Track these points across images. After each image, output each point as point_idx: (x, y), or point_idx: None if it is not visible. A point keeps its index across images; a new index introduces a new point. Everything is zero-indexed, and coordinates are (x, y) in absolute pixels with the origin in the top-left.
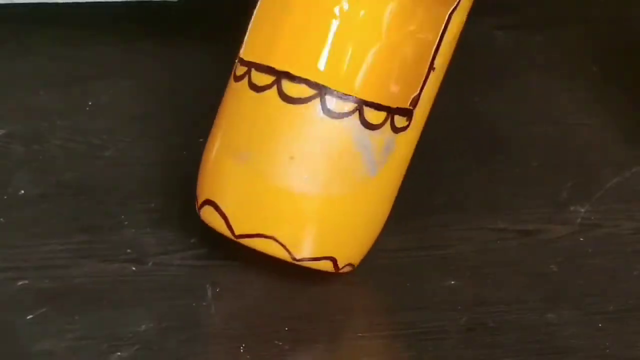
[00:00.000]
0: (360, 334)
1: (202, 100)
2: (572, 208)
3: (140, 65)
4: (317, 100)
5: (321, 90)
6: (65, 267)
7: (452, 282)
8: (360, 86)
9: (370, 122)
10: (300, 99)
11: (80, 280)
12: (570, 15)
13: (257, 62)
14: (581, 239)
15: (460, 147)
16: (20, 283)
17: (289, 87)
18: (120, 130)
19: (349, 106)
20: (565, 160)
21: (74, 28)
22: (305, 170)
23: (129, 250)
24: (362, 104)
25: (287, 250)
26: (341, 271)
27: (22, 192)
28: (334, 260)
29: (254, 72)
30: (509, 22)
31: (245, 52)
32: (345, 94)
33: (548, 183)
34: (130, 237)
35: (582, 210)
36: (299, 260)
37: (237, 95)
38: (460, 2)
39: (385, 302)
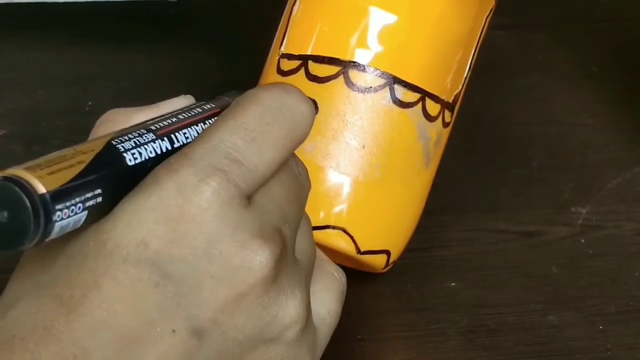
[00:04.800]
0: (360, 336)
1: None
2: (573, 209)
3: (140, 65)
4: (387, 89)
5: (390, 79)
6: None
7: (453, 284)
8: (423, 77)
9: (430, 113)
10: (370, 87)
11: None
12: (570, 15)
13: (315, 54)
14: (582, 241)
15: (460, 147)
16: None
17: (357, 77)
18: None
19: (415, 96)
20: (565, 160)
21: (74, 28)
22: (377, 159)
23: None
24: (425, 95)
25: (355, 242)
26: (384, 270)
27: None
28: (388, 254)
29: (311, 64)
30: (509, 22)
31: (293, 47)
32: (412, 84)
33: (549, 184)
34: None
35: (583, 211)
36: (362, 252)
37: None
38: (493, 8)
39: (385, 303)
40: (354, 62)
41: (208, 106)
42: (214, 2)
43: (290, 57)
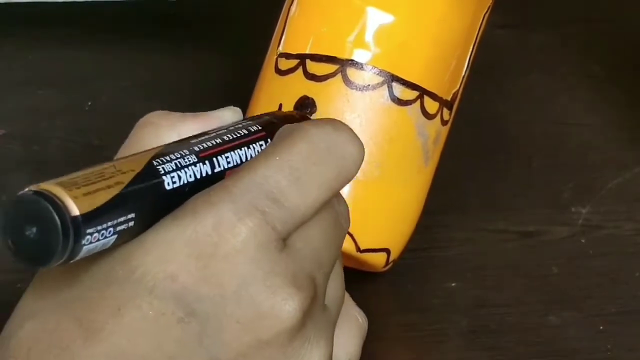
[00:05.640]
0: None
1: (203, 99)
2: (573, 209)
3: (140, 65)
4: (385, 87)
5: (388, 77)
6: None
7: (453, 284)
8: (421, 75)
9: (429, 111)
10: (368, 85)
11: None
12: (571, 15)
13: (313, 53)
14: (582, 241)
15: (460, 147)
16: (19, 285)
17: (355, 75)
18: (120, 130)
19: (413, 94)
20: (566, 160)
21: (74, 28)
22: (376, 157)
23: None
24: (423, 93)
25: (355, 240)
26: (384, 269)
27: None
28: (388, 253)
29: (309, 63)
30: (510, 21)
31: (290, 46)
32: (410, 82)
33: (549, 184)
34: None
35: (584, 211)
36: (362, 251)
37: (288, 86)
38: (491, 6)
39: (385, 303)
40: (351, 60)
41: (254, 128)
42: (213, 2)
43: (288, 56)
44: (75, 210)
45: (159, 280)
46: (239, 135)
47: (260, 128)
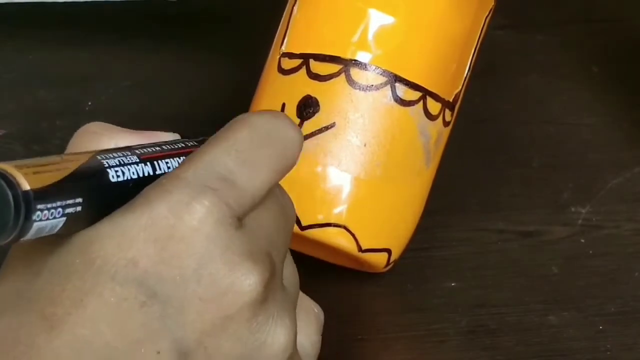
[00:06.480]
0: (360, 336)
1: (203, 100)
2: (572, 209)
3: (140, 65)
4: (388, 87)
5: (391, 77)
6: None
7: (453, 284)
8: (423, 75)
9: (431, 112)
10: (372, 85)
11: None
12: (571, 15)
13: (317, 52)
14: (582, 240)
15: (460, 147)
16: None
17: (358, 75)
18: None
19: (416, 94)
20: (565, 160)
21: (74, 28)
22: (378, 157)
23: None
24: (426, 93)
25: (356, 239)
26: (384, 269)
27: None
28: (389, 253)
29: (313, 63)
30: (510, 22)
31: (293, 46)
32: (413, 82)
33: (548, 184)
34: None
35: (583, 211)
36: (363, 250)
37: (291, 85)
38: (492, 9)
39: (385, 303)
40: (355, 60)
41: (191, 143)
42: (213, 1)
43: (291, 55)
44: (26, 185)
45: (120, 267)
46: (177, 147)
47: (196, 143)
